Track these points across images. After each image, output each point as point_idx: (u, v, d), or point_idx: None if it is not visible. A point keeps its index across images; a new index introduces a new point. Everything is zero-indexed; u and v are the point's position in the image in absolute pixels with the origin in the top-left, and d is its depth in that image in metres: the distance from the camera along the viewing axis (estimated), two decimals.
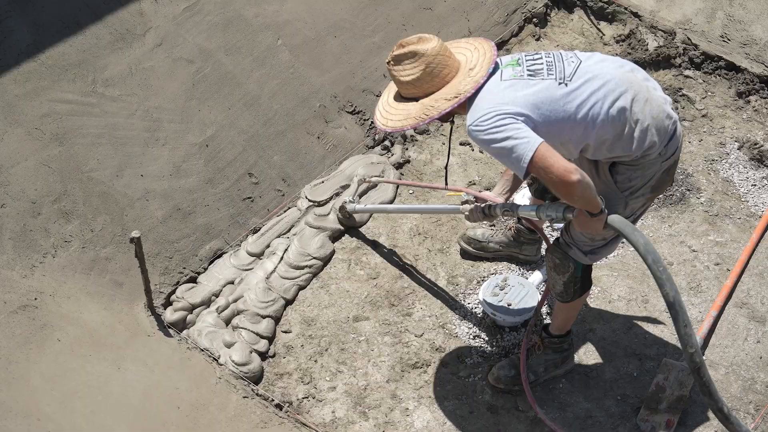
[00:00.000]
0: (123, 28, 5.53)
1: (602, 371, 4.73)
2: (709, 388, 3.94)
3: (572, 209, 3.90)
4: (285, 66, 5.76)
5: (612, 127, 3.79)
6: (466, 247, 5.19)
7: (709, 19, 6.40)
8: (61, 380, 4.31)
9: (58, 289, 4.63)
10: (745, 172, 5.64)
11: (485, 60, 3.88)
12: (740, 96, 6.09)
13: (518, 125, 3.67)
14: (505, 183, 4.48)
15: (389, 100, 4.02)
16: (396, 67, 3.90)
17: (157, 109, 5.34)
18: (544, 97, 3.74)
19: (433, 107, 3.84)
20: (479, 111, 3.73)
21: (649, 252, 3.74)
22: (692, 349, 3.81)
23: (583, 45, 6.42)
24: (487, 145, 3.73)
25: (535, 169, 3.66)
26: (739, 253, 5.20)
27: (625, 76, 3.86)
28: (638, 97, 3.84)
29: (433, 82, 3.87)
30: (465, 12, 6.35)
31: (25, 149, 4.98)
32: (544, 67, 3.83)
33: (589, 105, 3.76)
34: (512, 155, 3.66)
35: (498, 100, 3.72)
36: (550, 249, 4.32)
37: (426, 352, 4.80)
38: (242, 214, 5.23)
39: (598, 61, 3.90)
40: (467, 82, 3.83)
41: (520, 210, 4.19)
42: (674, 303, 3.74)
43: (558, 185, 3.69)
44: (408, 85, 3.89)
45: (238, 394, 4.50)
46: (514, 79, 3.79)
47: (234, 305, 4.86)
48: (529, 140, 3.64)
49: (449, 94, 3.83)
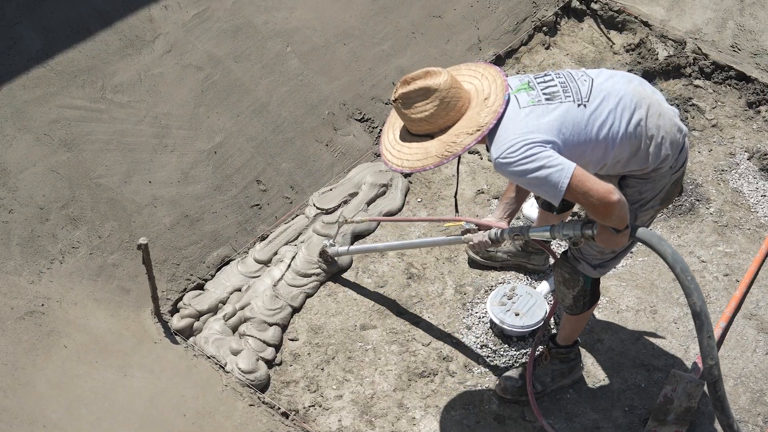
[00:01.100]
0: (132, 34, 5.54)
1: (610, 382, 4.71)
2: (723, 404, 3.92)
3: (590, 226, 3.84)
4: (294, 73, 5.76)
5: (629, 145, 3.77)
6: (474, 256, 5.17)
7: (719, 29, 6.39)
8: (67, 387, 4.30)
9: (65, 295, 4.63)
10: (755, 183, 5.62)
11: (497, 87, 3.75)
12: (750, 106, 6.07)
13: (548, 152, 3.57)
14: (506, 207, 4.39)
15: (396, 138, 3.85)
16: (406, 105, 3.72)
17: (165, 115, 5.34)
18: (565, 120, 3.66)
19: (455, 143, 3.68)
20: (505, 142, 3.62)
21: (677, 261, 3.73)
22: (712, 361, 3.81)
23: (593, 54, 6.41)
24: (518, 176, 3.62)
25: (573, 194, 3.58)
26: (748, 263, 5.18)
27: (637, 91, 3.83)
28: (651, 111, 3.81)
29: (448, 116, 3.71)
30: (475, 20, 6.35)
31: (34, 155, 4.98)
32: (559, 89, 3.76)
33: (609, 124, 3.72)
34: (548, 184, 3.57)
35: (522, 129, 3.62)
36: (559, 264, 4.28)
37: (433, 361, 4.79)
38: (250, 222, 5.22)
39: (608, 78, 3.85)
40: (486, 113, 3.69)
41: (531, 233, 4.08)
42: (700, 313, 3.75)
43: (598, 207, 3.62)
44: (421, 122, 3.72)
45: (245, 402, 4.49)
46: (533, 105, 3.69)
47: (241, 312, 4.86)
48: (563, 166, 3.55)
49: (470, 128, 3.68)
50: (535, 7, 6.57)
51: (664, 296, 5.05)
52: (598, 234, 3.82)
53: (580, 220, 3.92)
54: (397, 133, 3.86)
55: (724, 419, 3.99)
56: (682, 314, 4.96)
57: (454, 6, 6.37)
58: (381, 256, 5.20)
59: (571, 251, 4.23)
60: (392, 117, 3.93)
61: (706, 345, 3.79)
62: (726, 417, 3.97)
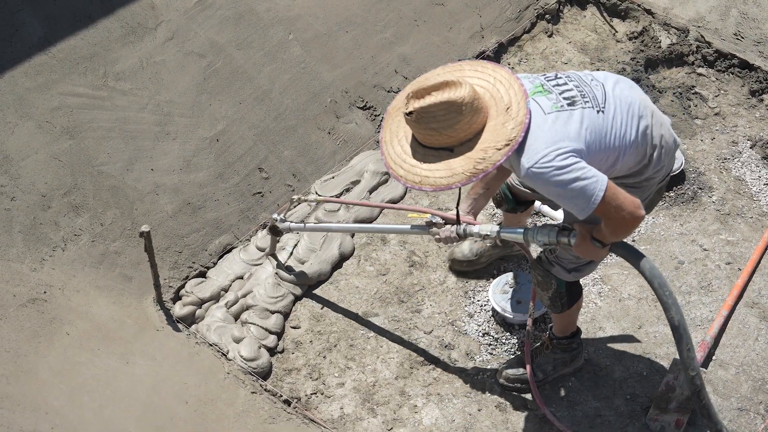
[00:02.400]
0: (134, 21, 5.53)
1: (612, 370, 4.72)
2: (709, 411, 3.99)
3: (566, 234, 3.79)
4: (296, 61, 5.75)
5: (636, 153, 3.73)
6: (458, 269, 5.06)
7: (722, 17, 6.37)
8: (69, 374, 4.31)
9: (67, 282, 4.64)
10: (758, 171, 5.61)
11: (517, 94, 3.54)
12: (753, 94, 6.05)
13: (581, 164, 3.46)
14: (473, 202, 4.24)
15: (406, 151, 3.58)
16: (424, 119, 3.45)
17: (167, 103, 5.33)
18: (589, 126, 3.55)
19: (483, 159, 3.45)
20: (537, 152, 3.47)
21: (654, 276, 3.73)
22: (693, 372, 3.87)
23: (596, 42, 6.39)
24: (552, 187, 3.50)
25: (606, 207, 3.49)
26: (750, 252, 5.17)
27: (642, 98, 3.78)
28: (654, 120, 3.78)
29: (470, 129, 3.47)
30: (477, 8, 6.33)
31: (36, 142, 4.98)
32: (576, 93, 3.64)
33: (623, 132, 3.65)
34: (582, 196, 3.47)
35: (552, 137, 3.48)
36: (533, 266, 4.23)
37: (435, 349, 4.79)
38: (252, 209, 5.22)
39: (615, 83, 3.77)
40: (512, 125, 3.48)
41: (503, 233, 4.00)
42: (678, 327, 3.78)
43: (627, 221, 3.56)
44: (441, 136, 3.47)
45: (247, 390, 4.50)
46: (557, 111, 3.55)
47: (243, 300, 4.86)
48: (597, 179, 3.46)
49: (498, 142, 3.46)
50: None
51: None
52: (577, 245, 3.77)
53: (555, 226, 3.87)
54: (405, 146, 3.60)
55: (713, 426, 4.06)
56: (684, 302, 4.95)
57: None
58: (383, 244, 5.20)
59: (543, 253, 4.18)
60: (392, 124, 3.68)
61: (686, 357, 3.84)
62: (714, 423, 4.05)
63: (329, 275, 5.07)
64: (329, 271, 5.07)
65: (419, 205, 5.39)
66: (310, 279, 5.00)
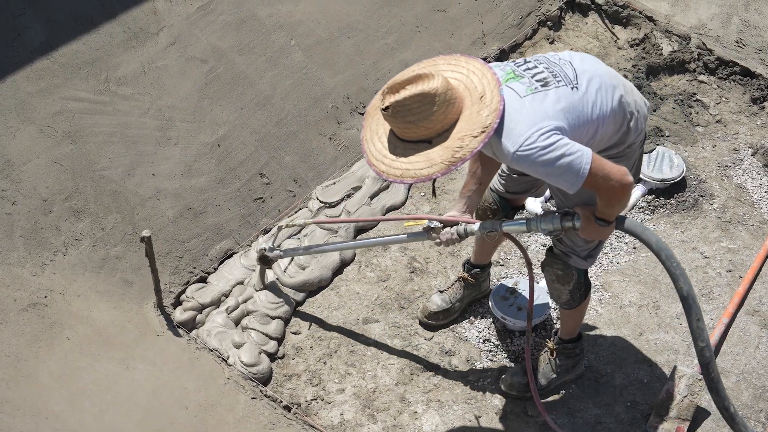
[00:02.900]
0: (136, 26, 5.53)
1: (612, 377, 4.71)
2: (717, 385, 3.97)
3: (570, 217, 3.82)
4: (298, 66, 5.75)
5: (614, 122, 3.78)
6: (433, 323, 4.91)
7: (724, 24, 6.37)
8: (69, 379, 4.31)
9: (68, 287, 4.64)
10: (759, 179, 5.61)
11: (489, 82, 3.60)
12: (755, 102, 6.06)
13: (564, 140, 3.52)
14: (467, 200, 4.21)
15: (385, 146, 3.64)
16: (400, 113, 3.50)
17: (169, 108, 5.34)
18: (566, 104, 3.62)
19: (461, 148, 3.51)
20: (521, 135, 3.52)
21: (662, 248, 3.77)
22: (703, 343, 3.87)
23: (597, 49, 6.39)
24: (540, 166, 3.54)
25: (594, 179, 3.54)
26: (751, 260, 5.17)
27: (609, 70, 3.87)
28: (626, 88, 3.85)
29: (446, 119, 3.53)
30: (479, 14, 6.34)
31: (37, 147, 4.98)
32: (548, 74, 3.70)
33: (599, 104, 3.71)
34: (570, 172, 3.52)
35: (532, 119, 3.54)
36: (549, 263, 4.24)
37: (435, 355, 4.79)
38: (253, 215, 5.22)
39: (581, 59, 3.85)
40: (487, 112, 3.53)
41: (505, 226, 3.98)
42: (687, 297, 3.81)
43: (617, 191, 3.61)
44: (418, 128, 3.53)
45: (247, 395, 4.49)
46: (532, 93, 3.62)
47: (244, 306, 4.86)
48: (582, 152, 3.52)
49: (473, 130, 3.51)
50: (540, 1, 6.56)
51: (666, 292, 5.04)
52: (583, 227, 3.81)
53: (557, 212, 3.89)
54: (384, 141, 3.66)
55: (719, 401, 4.03)
56: None
57: (459, 0, 6.36)
58: (384, 250, 5.20)
59: (557, 247, 4.20)
60: (372, 123, 3.73)
61: (696, 327, 3.86)
62: (721, 399, 4.01)
63: (330, 281, 5.07)
64: (330, 276, 5.07)
65: (420, 211, 5.39)
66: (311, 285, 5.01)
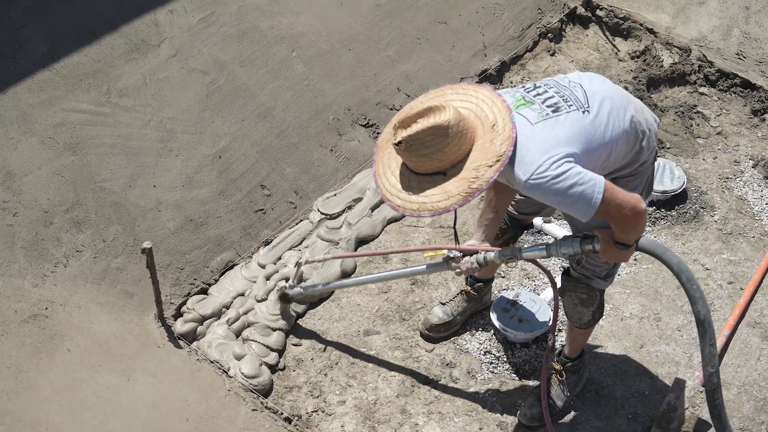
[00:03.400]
0: (138, 38, 5.54)
1: (613, 389, 4.71)
2: (720, 412, 3.96)
3: (590, 240, 3.79)
4: (299, 78, 5.76)
5: (626, 143, 3.76)
6: (435, 335, 4.90)
7: (724, 37, 6.39)
8: (70, 390, 4.30)
9: (69, 298, 4.63)
10: (760, 191, 5.61)
11: (500, 110, 3.59)
12: (755, 114, 6.07)
13: (577, 168, 3.49)
14: (485, 228, 4.18)
15: (398, 178, 3.62)
16: (413, 147, 3.48)
17: (170, 119, 5.34)
18: (578, 129, 3.59)
19: (477, 178, 3.48)
20: (532, 163, 3.50)
21: (683, 270, 3.78)
22: (713, 369, 3.86)
23: (598, 61, 6.40)
24: (551, 195, 3.52)
25: (606, 207, 3.53)
26: (752, 272, 5.17)
27: (617, 90, 3.85)
28: (636, 107, 3.84)
29: (459, 150, 3.50)
30: (480, 26, 6.35)
31: (39, 158, 4.99)
32: (558, 99, 3.68)
33: (611, 126, 3.68)
34: (581, 201, 3.50)
35: (544, 146, 3.51)
36: (571, 288, 4.18)
37: (436, 367, 4.78)
38: (254, 226, 5.22)
39: (590, 80, 3.82)
40: (500, 140, 3.50)
41: (525, 253, 3.96)
42: (704, 321, 3.82)
43: (630, 219, 3.60)
44: (432, 161, 3.50)
45: (248, 407, 4.49)
46: (543, 119, 3.58)
47: (244, 317, 4.86)
48: (594, 181, 3.49)
49: (488, 159, 3.48)
50: (541, 13, 6.57)
51: (668, 304, 5.04)
52: (604, 251, 3.79)
53: (576, 236, 3.87)
54: (397, 175, 3.64)
55: (721, 428, 4.02)
56: (686, 322, 4.95)
57: (460, 12, 6.38)
58: (385, 261, 5.20)
59: (577, 271, 4.16)
60: (384, 157, 3.72)
61: (708, 353, 3.84)
62: (723, 427, 4.01)
63: (331, 292, 5.07)
64: None
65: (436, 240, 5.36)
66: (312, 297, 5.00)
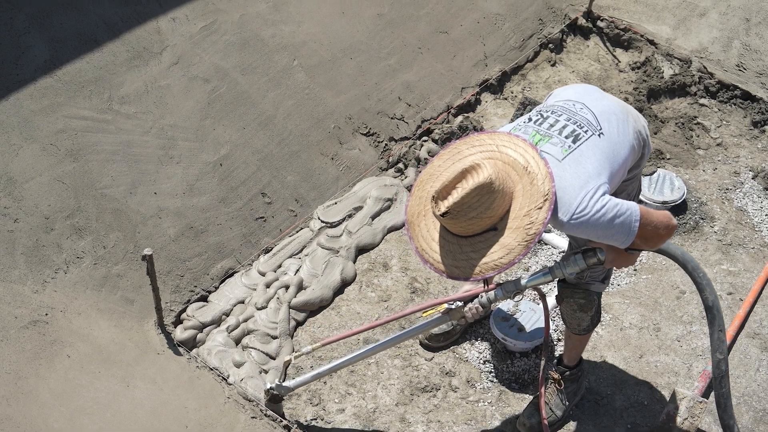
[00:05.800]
0: (140, 46, 5.56)
1: (612, 399, 4.71)
2: (726, 401, 3.98)
3: (593, 254, 3.75)
4: (300, 87, 5.77)
5: (633, 154, 3.80)
6: (435, 344, 4.91)
7: (725, 48, 6.40)
8: (70, 396, 4.30)
9: (69, 305, 4.64)
10: (759, 202, 5.62)
11: (526, 150, 3.57)
12: (755, 125, 6.08)
13: (613, 201, 3.50)
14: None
15: (448, 248, 3.55)
16: (460, 213, 3.44)
17: (171, 127, 5.35)
18: (601, 156, 3.59)
19: (532, 223, 3.45)
20: (571, 203, 3.49)
21: (687, 260, 3.87)
22: (721, 355, 3.91)
23: (599, 71, 6.42)
24: (593, 230, 3.53)
25: (643, 231, 3.55)
26: (752, 282, 5.18)
27: (617, 102, 3.88)
28: (633, 116, 3.87)
29: (504, 202, 3.47)
30: (481, 36, 6.36)
31: (40, 165, 4.99)
32: (573, 126, 3.66)
33: (622, 142, 3.70)
34: (621, 232, 3.52)
35: (578, 183, 3.51)
36: (569, 294, 4.16)
37: (436, 376, 4.78)
38: (254, 234, 5.23)
39: (593, 99, 3.82)
40: (540, 180, 3.48)
41: (528, 282, 3.88)
42: (712, 307, 3.90)
43: (664, 236, 3.63)
44: (484, 220, 3.47)
45: (247, 414, 4.48)
46: (568, 153, 3.58)
47: (244, 325, 4.86)
48: (630, 211, 3.51)
49: (536, 201, 3.47)
50: (542, 24, 6.59)
51: (667, 314, 5.04)
52: (613, 258, 3.78)
53: (577, 253, 3.83)
54: (446, 245, 3.58)
55: (726, 418, 4.03)
56: (686, 332, 4.95)
57: (461, 22, 6.39)
58: (385, 270, 5.20)
59: (574, 278, 4.13)
60: (422, 231, 3.65)
61: (717, 339, 3.90)
62: (727, 416, 4.02)
63: (331, 301, 5.07)
64: (331, 296, 5.07)
65: None
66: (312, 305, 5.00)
